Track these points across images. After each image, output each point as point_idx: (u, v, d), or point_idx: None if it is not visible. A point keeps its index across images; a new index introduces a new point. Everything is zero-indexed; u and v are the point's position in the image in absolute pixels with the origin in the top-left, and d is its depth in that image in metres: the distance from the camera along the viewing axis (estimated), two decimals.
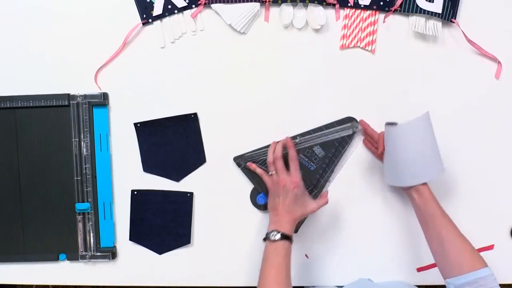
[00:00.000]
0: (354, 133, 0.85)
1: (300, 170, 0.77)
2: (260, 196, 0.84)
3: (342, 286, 0.84)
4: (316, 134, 0.85)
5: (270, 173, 0.79)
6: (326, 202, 0.79)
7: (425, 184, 0.77)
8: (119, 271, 0.89)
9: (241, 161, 0.86)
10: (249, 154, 0.86)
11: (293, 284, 0.88)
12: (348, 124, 0.85)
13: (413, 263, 0.87)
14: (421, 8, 0.83)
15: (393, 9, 0.84)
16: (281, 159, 0.78)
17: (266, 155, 0.84)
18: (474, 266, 0.68)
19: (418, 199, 0.77)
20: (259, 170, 0.83)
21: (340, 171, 0.87)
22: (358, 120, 0.85)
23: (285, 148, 0.80)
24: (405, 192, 0.83)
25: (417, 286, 0.83)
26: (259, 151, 0.86)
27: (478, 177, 0.87)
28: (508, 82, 0.86)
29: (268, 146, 0.85)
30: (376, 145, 0.83)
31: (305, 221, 0.86)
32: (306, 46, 0.86)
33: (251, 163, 0.83)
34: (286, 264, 0.73)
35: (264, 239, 0.76)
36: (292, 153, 0.78)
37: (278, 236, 0.73)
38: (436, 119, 0.86)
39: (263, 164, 0.84)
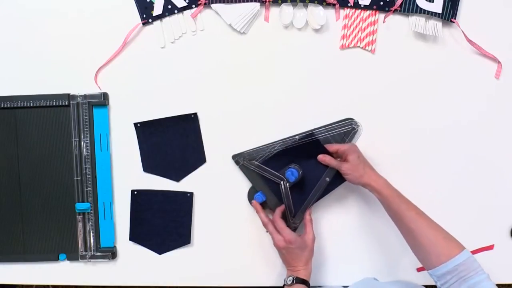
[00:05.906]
0: (354, 130, 0.85)
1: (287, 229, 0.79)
2: (258, 195, 0.84)
3: (347, 286, 0.84)
4: (316, 134, 0.85)
5: (266, 231, 0.81)
6: (310, 221, 0.81)
7: (380, 180, 0.77)
8: (119, 271, 0.89)
9: (239, 159, 0.86)
10: (247, 152, 0.86)
11: None
12: (348, 124, 0.85)
13: (413, 263, 0.87)
14: (421, 8, 0.83)
15: (393, 9, 0.84)
16: (269, 223, 0.80)
17: (265, 153, 0.84)
18: (451, 254, 0.68)
19: (380, 197, 0.77)
20: (263, 219, 0.82)
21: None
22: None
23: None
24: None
25: None
26: (258, 148, 0.86)
27: (478, 177, 0.87)
28: (508, 82, 0.86)
29: (267, 145, 0.85)
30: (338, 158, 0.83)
31: None
32: (306, 46, 0.86)
33: (256, 203, 0.83)
34: None
35: (283, 286, 0.79)
36: (265, 218, 0.80)
37: (291, 280, 0.77)
38: (436, 119, 0.87)
39: (262, 160, 0.84)
